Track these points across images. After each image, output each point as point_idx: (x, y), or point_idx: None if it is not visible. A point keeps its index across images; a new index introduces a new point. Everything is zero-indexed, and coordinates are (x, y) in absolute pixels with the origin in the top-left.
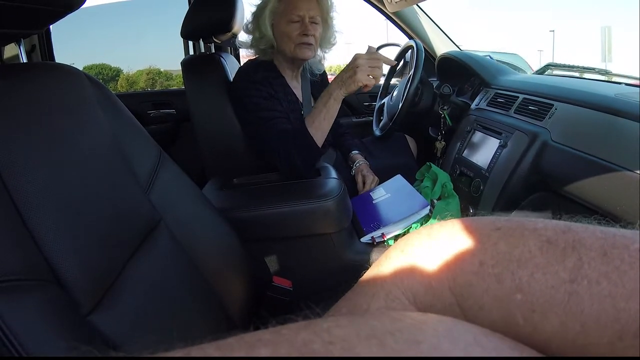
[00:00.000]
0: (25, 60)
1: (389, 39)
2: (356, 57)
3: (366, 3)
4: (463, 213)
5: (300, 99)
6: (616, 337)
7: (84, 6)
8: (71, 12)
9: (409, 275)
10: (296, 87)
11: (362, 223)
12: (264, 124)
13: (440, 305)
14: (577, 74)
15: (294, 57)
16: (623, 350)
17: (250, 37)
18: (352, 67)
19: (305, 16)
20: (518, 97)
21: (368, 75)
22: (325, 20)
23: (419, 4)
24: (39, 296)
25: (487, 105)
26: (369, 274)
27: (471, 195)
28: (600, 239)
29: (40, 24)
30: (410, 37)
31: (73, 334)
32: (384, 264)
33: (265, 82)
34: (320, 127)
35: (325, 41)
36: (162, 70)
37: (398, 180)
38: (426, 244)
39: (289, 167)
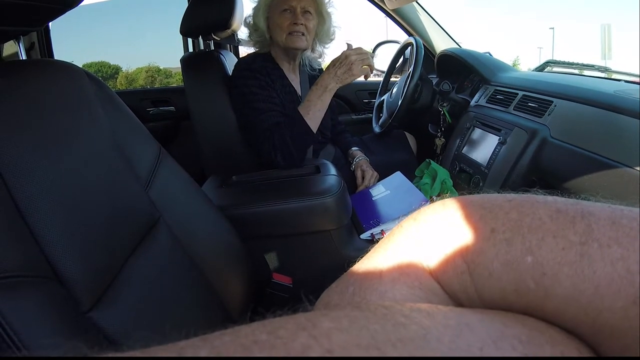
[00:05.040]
0: (24, 58)
1: (389, 36)
2: (347, 55)
3: (366, 0)
4: None
5: (299, 92)
6: (631, 302)
7: (82, 3)
8: (70, 9)
9: (422, 242)
10: (294, 80)
11: (361, 220)
12: (258, 115)
13: (452, 273)
14: (576, 71)
15: (286, 46)
16: (638, 316)
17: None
18: (346, 63)
19: (296, 7)
20: (517, 94)
21: (362, 67)
22: (320, 13)
23: (418, 1)
24: (39, 293)
25: (486, 102)
26: (381, 243)
27: (470, 192)
28: (609, 211)
29: (40, 22)
30: (409, 34)
31: (73, 331)
32: (397, 234)
33: (263, 71)
34: (314, 116)
35: (323, 35)
36: (161, 67)
37: (397, 177)
38: (440, 213)
39: (282, 156)
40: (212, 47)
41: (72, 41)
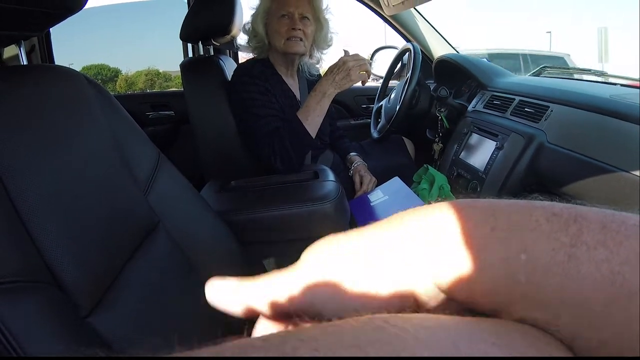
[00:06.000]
0: (25, 61)
1: (387, 42)
2: (345, 61)
3: (364, 7)
4: None
5: (298, 97)
6: (610, 299)
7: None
8: (71, 14)
9: (427, 240)
10: (293, 85)
11: (360, 225)
12: (258, 120)
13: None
14: (573, 76)
15: (284, 51)
16: (615, 312)
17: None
18: (344, 69)
19: (294, 12)
20: (514, 99)
21: (360, 73)
22: (317, 19)
23: (416, 7)
24: (38, 298)
25: (483, 108)
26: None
27: (468, 197)
28: (600, 215)
29: (41, 27)
30: (407, 40)
31: (72, 336)
32: (395, 221)
33: (262, 77)
34: (313, 122)
35: (321, 41)
36: (161, 71)
37: (396, 182)
38: (445, 211)
39: (282, 162)
40: (212, 53)
41: (72, 44)
